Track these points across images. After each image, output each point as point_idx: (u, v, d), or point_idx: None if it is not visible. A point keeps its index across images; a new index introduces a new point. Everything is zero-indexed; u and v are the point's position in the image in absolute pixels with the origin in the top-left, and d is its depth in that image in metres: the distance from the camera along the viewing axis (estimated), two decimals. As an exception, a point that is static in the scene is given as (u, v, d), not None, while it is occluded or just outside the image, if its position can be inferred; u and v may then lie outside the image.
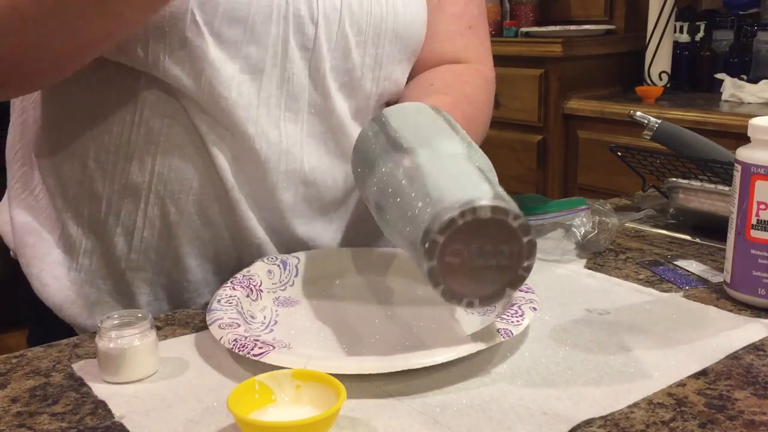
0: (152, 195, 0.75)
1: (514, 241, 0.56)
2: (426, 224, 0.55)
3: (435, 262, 0.55)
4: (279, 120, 0.75)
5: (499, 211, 0.54)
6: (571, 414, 0.53)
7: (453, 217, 0.53)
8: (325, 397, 0.52)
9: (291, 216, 0.79)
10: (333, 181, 0.80)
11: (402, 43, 0.82)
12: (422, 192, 0.57)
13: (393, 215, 0.61)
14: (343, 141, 0.80)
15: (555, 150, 2.38)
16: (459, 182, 0.57)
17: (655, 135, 1.03)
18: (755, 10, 2.41)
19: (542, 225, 0.89)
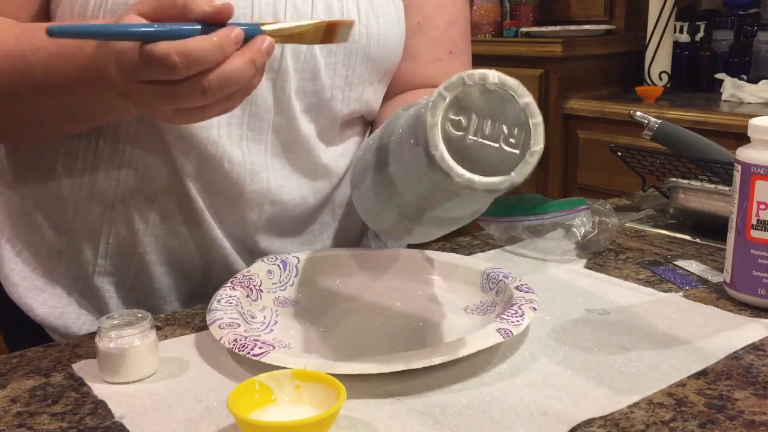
0: (118, 202, 0.75)
1: (521, 123, 0.52)
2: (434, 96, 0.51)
3: (438, 119, 0.51)
4: (240, 140, 0.75)
5: (507, 85, 0.52)
6: (571, 414, 0.53)
7: (461, 76, 0.51)
8: (325, 397, 0.52)
9: (255, 231, 0.79)
10: (301, 198, 0.80)
11: (374, 64, 0.81)
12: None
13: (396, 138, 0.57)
14: (308, 160, 0.80)
15: (555, 150, 2.37)
16: None
17: (655, 135, 1.03)
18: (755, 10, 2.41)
19: (542, 225, 0.89)
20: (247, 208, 0.77)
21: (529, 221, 0.89)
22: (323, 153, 0.81)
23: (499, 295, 0.70)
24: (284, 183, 0.79)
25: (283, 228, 0.81)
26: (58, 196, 0.76)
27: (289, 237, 0.83)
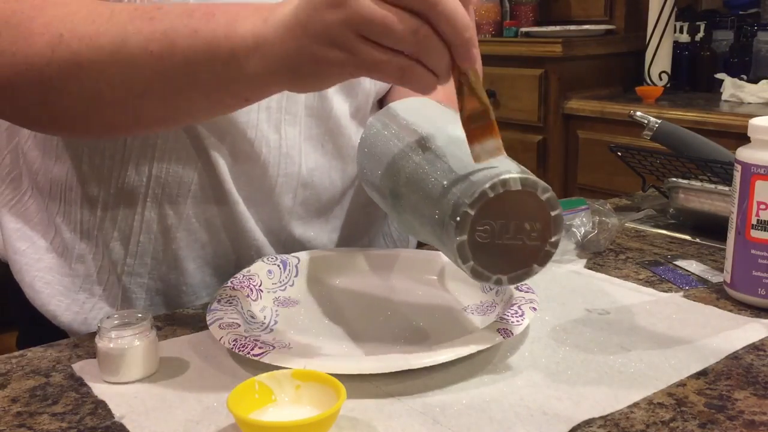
0: (149, 199, 0.75)
1: (541, 215, 0.55)
2: (455, 198, 0.54)
3: (466, 236, 0.54)
4: (280, 123, 0.75)
5: (529, 184, 0.54)
6: (571, 414, 0.53)
7: (484, 189, 0.53)
8: (325, 397, 0.52)
9: (289, 218, 0.79)
10: (330, 182, 0.80)
11: None
12: (446, 171, 0.57)
13: (413, 199, 0.60)
14: (340, 141, 0.80)
15: (555, 150, 2.37)
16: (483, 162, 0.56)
17: (655, 135, 1.03)
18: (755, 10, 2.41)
19: (542, 225, 0.89)
20: (281, 194, 0.77)
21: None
22: (354, 135, 0.81)
23: (499, 295, 0.70)
24: (315, 166, 0.78)
25: (314, 214, 0.81)
26: (84, 197, 0.76)
27: (320, 223, 0.82)
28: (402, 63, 0.51)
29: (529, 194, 0.55)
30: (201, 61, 0.57)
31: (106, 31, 0.59)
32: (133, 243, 0.76)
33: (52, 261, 0.79)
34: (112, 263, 0.77)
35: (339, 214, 0.84)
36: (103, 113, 0.63)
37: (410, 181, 0.61)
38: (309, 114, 0.77)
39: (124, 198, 0.75)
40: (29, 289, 0.79)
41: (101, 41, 0.59)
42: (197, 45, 0.57)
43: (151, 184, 0.74)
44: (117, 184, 0.74)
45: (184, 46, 0.57)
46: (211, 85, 0.59)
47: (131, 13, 0.60)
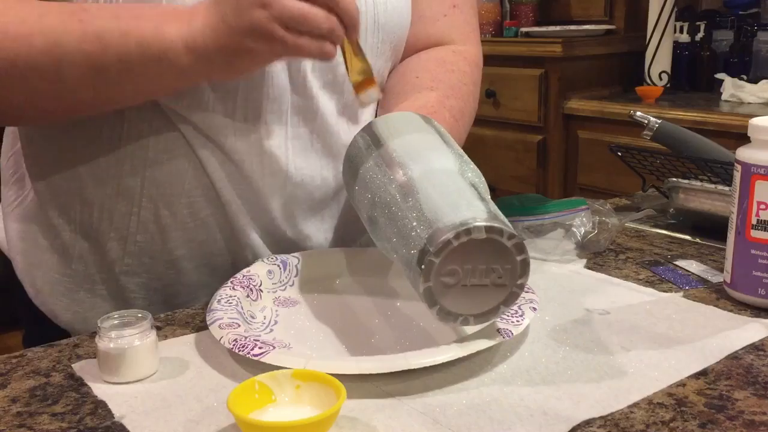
0: (144, 198, 0.75)
1: (508, 259, 0.56)
2: (421, 245, 0.55)
3: (431, 283, 0.55)
4: (258, 123, 0.75)
5: (494, 231, 0.55)
6: (571, 414, 0.53)
7: (449, 239, 0.54)
8: (325, 397, 0.52)
9: (282, 217, 0.79)
10: (322, 180, 0.80)
11: (384, 34, 0.81)
12: (416, 210, 0.58)
13: (387, 230, 0.61)
14: (329, 139, 0.80)
15: (555, 150, 2.37)
16: (453, 200, 0.57)
17: (655, 135, 1.03)
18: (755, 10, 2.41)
19: (542, 225, 0.89)
20: (270, 193, 0.77)
21: (529, 221, 0.89)
22: (344, 132, 0.81)
23: (499, 295, 0.70)
24: (304, 165, 0.78)
25: (307, 213, 0.81)
26: (81, 198, 0.76)
27: (315, 221, 0.82)
28: (318, 45, 0.64)
29: (496, 241, 0.55)
30: (134, 59, 0.65)
31: (39, 32, 0.64)
32: (130, 243, 0.76)
33: (52, 261, 0.79)
34: (111, 263, 0.77)
35: (334, 213, 0.84)
36: (37, 103, 0.69)
37: (385, 213, 0.62)
38: (295, 113, 0.77)
39: (120, 198, 0.75)
40: (31, 288, 0.80)
41: (35, 41, 0.64)
42: (129, 44, 0.64)
43: (146, 184, 0.74)
44: (113, 185, 0.75)
45: (116, 45, 0.64)
46: (143, 79, 0.67)
47: (59, 15, 0.65)
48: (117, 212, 0.75)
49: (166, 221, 0.76)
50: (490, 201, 0.60)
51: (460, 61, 0.88)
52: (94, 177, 0.75)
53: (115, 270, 0.78)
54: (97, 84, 0.66)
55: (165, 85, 0.68)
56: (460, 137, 0.80)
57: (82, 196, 0.76)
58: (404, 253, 0.58)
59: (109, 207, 0.75)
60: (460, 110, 0.82)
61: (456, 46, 0.89)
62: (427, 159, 0.63)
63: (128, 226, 0.76)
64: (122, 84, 0.67)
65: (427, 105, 0.78)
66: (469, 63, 0.89)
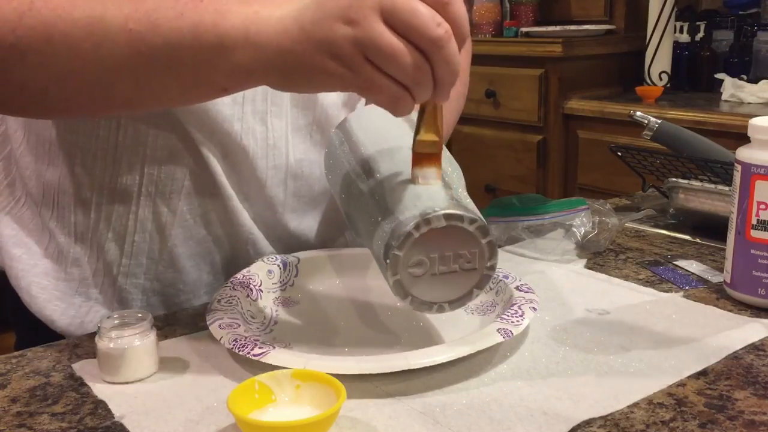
0: (142, 197, 0.75)
1: (473, 243, 0.56)
2: (386, 239, 0.55)
3: (399, 276, 0.55)
4: (265, 115, 0.75)
5: (453, 217, 0.55)
6: (571, 414, 0.53)
7: (409, 231, 0.54)
8: (325, 397, 0.52)
9: (282, 210, 0.79)
10: (321, 172, 0.80)
11: None
12: (383, 207, 0.58)
13: (361, 227, 0.62)
14: (329, 131, 0.80)
15: (555, 150, 2.37)
16: (416, 192, 0.57)
17: (655, 135, 1.03)
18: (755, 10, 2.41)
19: (542, 225, 0.89)
20: (272, 186, 0.77)
21: (529, 221, 0.89)
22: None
23: (499, 295, 0.70)
24: (304, 157, 0.79)
25: (308, 205, 0.81)
26: (77, 199, 0.75)
27: (314, 215, 0.82)
28: (396, 92, 0.53)
29: (457, 227, 0.55)
30: (185, 45, 0.55)
31: (82, 3, 0.56)
32: (128, 243, 0.76)
33: (47, 266, 0.78)
34: (108, 265, 0.77)
35: (333, 206, 0.84)
36: (66, 91, 0.60)
37: (356, 208, 0.62)
38: (295, 105, 0.77)
39: (117, 198, 0.75)
40: (26, 295, 0.79)
41: (76, 14, 0.55)
42: (182, 27, 0.55)
43: (144, 182, 0.74)
44: (110, 185, 0.74)
45: (167, 28, 0.55)
46: (191, 71, 0.57)
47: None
48: (114, 212, 0.75)
49: (165, 219, 0.75)
50: (456, 187, 0.60)
51: None
52: (90, 177, 0.74)
53: (112, 272, 0.77)
54: (140, 74, 0.57)
55: (215, 84, 0.58)
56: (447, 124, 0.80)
57: (77, 198, 0.75)
58: (374, 248, 0.58)
59: (106, 207, 0.75)
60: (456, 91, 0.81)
61: None
62: (396, 154, 0.63)
63: (126, 226, 0.75)
64: (166, 77, 0.58)
65: None
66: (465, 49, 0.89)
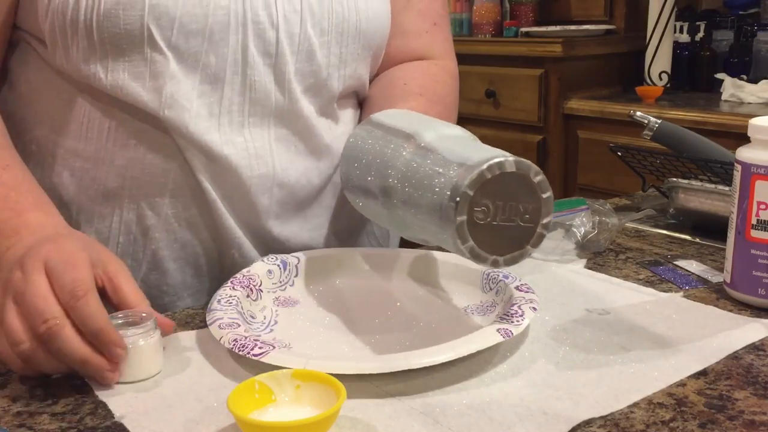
0: (127, 200, 0.75)
1: (534, 197, 0.58)
2: (453, 182, 0.56)
3: (465, 216, 0.56)
4: (242, 127, 0.76)
5: (523, 165, 0.57)
6: (571, 414, 0.53)
7: (482, 171, 0.55)
8: (325, 397, 0.52)
9: (266, 216, 0.79)
10: (307, 180, 0.81)
11: (365, 40, 0.82)
12: (441, 161, 0.59)
13: (407, 191, 0.62)
14: (311, 140, 0.80)
15: (555, 150, 2.37)
16: (476, 148, 0.59)
17: (655, 135, 1.03)
18: (755, 10, 2.41)
19: (542, 225, 0.89)
20: (257, 194, 0.77)
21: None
22: (325, 133, 0.82)
23: (499, 295, 0.70)
24: (289, 165, 0.79)
25: (291, 212, 0.81)
26: (61, 200, 0.75)
27: (298, 221, 0.82)
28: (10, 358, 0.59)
29: (523, 177, 0.57)
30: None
31: None
32: (111, 245, 0.76)
33: None
34: None
35: (318, 212, 0.84)
36: None
37: (403, 174, 0.62)
38: (278, 115, 0.77)
39: (100, 200, 0.75)
40: None
41: None
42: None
43: (128, 185, 0.74)
44: (93, 186, 0.75)
45: None
46: None
47: None
48: (97, 214, 0.75)
49: (149, 222, 0.76)
50: None
51: (442, 74, 0.91)
52: (72, 178, 0.75)
53: None
54: None
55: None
56: None
57: (59, 198, 0.75)
58: (430, 199, 0.59)
59: (89, 208, 0.75)
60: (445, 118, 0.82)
61: (437, 61, 0.92)
62: (436, 128, 0.65)
63: (110, 227, 0.76)
64: None
65: (416, 109, 0.79)
66: (451, 76, 0.93)
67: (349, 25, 0.80)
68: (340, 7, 0.79)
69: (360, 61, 0.83)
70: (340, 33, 0.79)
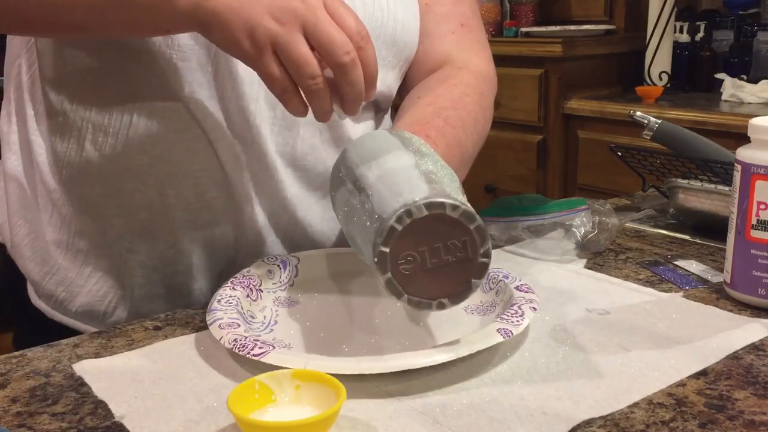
0: (151, 177, 0.76)
1: (462, 231, 0.55)
2: (372, 238, 0.55)
3: (389, 274, 0.54)
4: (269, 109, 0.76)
5: (435, 206, 0.54)
6: (571, 414, 0.53)
7: (391, 225, 0.53)
8: (325, 397, 0.52)
9: (291, 197, 0.80)
10: (325, 168, 0.81)
11: (397, 49, 0.83)
12: (370, 212, 0.58)
13: (358, 242, 0.61)
14: (337, 130, 0.81)
15: (555, 150, 2.37)
16: (398, 190, 0.57)
17: (655, 135, 1.03)
18: (755, 10, 2.41)
19: (542, 225, 0.89)
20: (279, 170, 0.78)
21: (529, 221, 0.89)
22: (350, 127, 0.83)
23: (499, 295, 0.70)
24: (310, 151, 0.80)
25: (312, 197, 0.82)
26: (84, 173, 0.76)
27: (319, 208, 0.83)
28: (285, 87, 0.62)
29: (440, 215, 0.54)
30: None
31: None
32: (132, 220, 0.77)
33: (52, 234, 0.79)
34: (112, 240, 0.78)
35: None
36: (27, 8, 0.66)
37: (353, 225, 0.62)
38: None
39: (125, 175, 0.76)
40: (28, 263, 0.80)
41: None
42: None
43: (154, 163, 0.75)
44: (119, 162, 0.75)
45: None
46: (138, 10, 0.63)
47: None
48: (121, 189, 0.76)
49: (170, 201, 0.76)
50: (443, 183, 0.59)
51: (463, 75, 0.89)
52: (99, 153, 0.75)
53: (116, 247, 0.78)
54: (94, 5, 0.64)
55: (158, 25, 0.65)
56: (459, 141, 0.81)
57: (85, 171, 0.76)
58: (368, 256, 0.57)
59: (113, 183, 0.76)
60: (459, 119, 0.82)
61: (462, 63, 0.91)
62: (382, 162, 0.63)
63: (132, 203, 0.76)
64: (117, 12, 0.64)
65: (421, 118, 0.79)
66: (475, 76, 0.90)
67: (385, 32, 0.81)
68: (380, 13, 0.80)
69: (389, 69, 0.84)
70: (376, 38, 0.80)
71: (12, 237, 0.82)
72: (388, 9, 0.81)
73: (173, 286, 0.80)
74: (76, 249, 0.79)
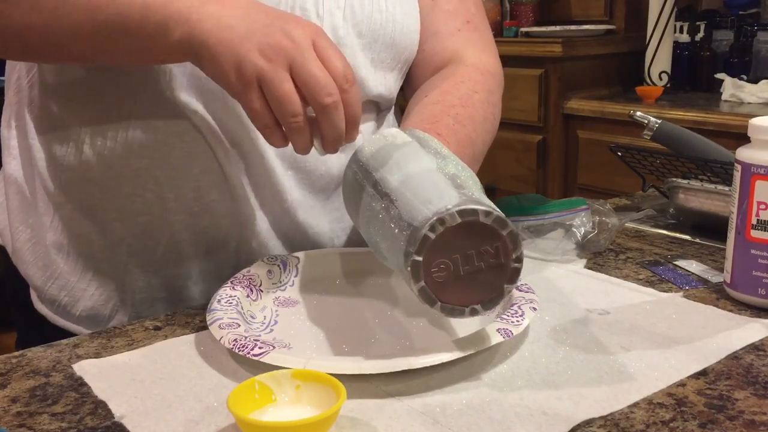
0: (150, 181, 0.76)
1: (494, 237, 0.55)
2: (404, 247, 0.55)
3: (423, 283, 0.54)
4: None
5: (467, 213, 0.54)
6: (571, 414, 0.53)
7: (425, 234, 0.53)
8: (325, 397, 0.52)
9: (292, 200, 0.80)
10: (326, 169, 0.81)
11: (396, 51, 0.83)
12: (397, 218, 0.57)
13: (382, 247, 0.61)
14: None
15: (555, 150, 2.37)
16: (427, 197, 0.56)
17: (655, 135, 1.03)
18: (755, 10, 2.41)
19: (542, 225, 0.89)
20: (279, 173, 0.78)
21: (529, 221, 0.89)
22: None
23: (499, 295, 0.70)
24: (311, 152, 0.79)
25: (313, 199, 0.82)
26: (84, 177, 0.76)
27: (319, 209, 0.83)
28: (267, 123, 0.63)
29: (473, 222, 0.54)
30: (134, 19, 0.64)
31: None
32: (132, 224, 0.77)
33: (53, 239, 0.79)
34: (112, 243, 0.78)
35: (338, 205, 0.85)
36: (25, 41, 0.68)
37: (377, 230, 0.61)
38: None
39: (124, 179, 0.76)
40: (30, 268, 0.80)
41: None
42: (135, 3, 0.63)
43: (153, 166, 0.75)
44: (117, 167, 0.75)
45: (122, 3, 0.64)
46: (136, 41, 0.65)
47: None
48: (120, 193, 0.76)
49: (170, 204, 0.76)
50: (470, 186, 0.59)
51: (471, 72, 0.88)
52: (98, 157, 0.75)
53: (116, 250, 0.78)
54: (92, 36, 0.66)
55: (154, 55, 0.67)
56: (470, 140, 0.80)
57: (84, 176, 0.76)
58: (397, 262, 0.57)
59: (112, 187, 0.76)
60: (469, 116, 0.81)
61: (469, 60, 0.90)
62: (404, 167, 0.62)
63: (130, 207, 0.76)
64: (116, 43, 0.66)
65: (431, 116, 0.79)
66: (482, 72, 0.89)
67: (384, 34, 0.81)
68: (379, 15, 0.80)
69: (387, 71, 0.84)
70: (375, 39, 0.80)
71: (13, 243, 0.82)
72: (387, 11, 0.81)
73: (174, 290, 0.80)
74: (77, 253, 0.79)
